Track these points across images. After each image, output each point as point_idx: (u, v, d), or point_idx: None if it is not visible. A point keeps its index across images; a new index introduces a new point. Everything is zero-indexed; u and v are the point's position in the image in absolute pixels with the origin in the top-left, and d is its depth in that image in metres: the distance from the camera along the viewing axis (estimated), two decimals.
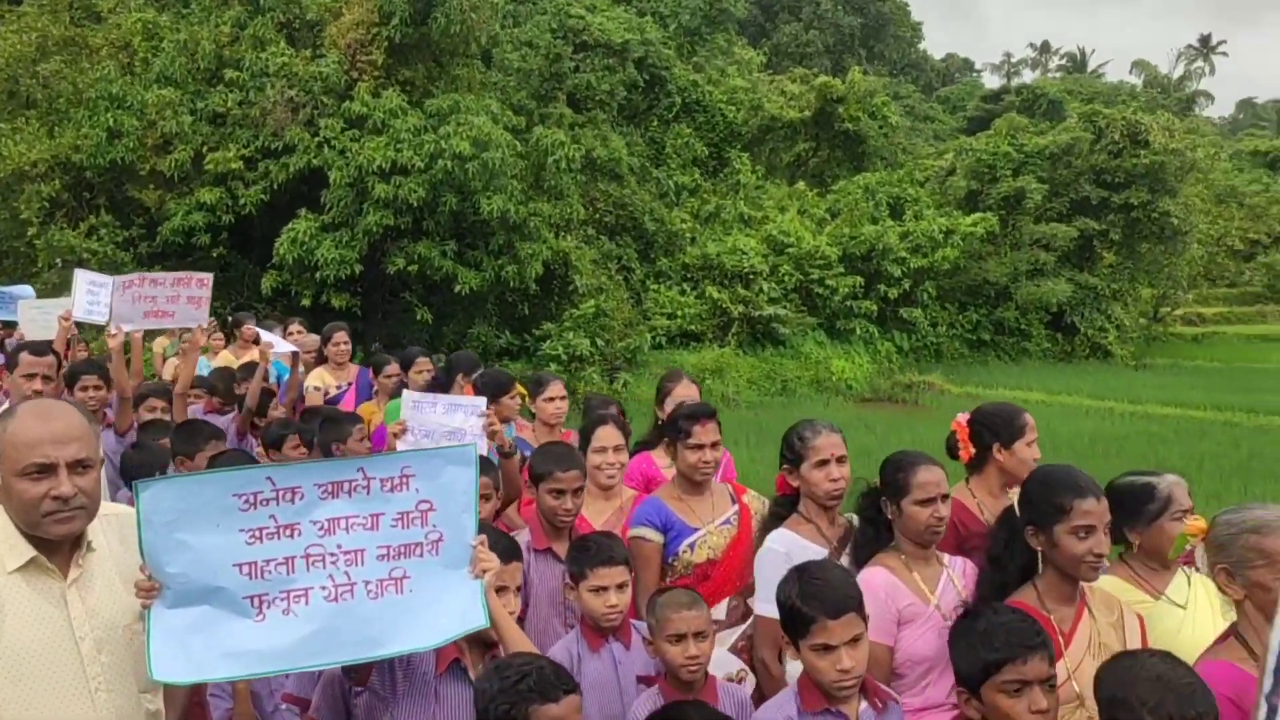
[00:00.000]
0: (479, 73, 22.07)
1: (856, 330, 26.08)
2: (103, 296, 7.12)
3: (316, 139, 18.34)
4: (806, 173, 32.75)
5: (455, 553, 2.88)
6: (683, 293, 24.45)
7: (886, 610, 3.25)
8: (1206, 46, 79.27)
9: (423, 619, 2.80)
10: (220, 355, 9.04)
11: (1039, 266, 29.68)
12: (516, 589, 3.33)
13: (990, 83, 74.54)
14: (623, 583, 3.50)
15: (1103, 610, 3.11)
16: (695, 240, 25.50)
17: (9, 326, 9.70)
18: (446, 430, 4.73)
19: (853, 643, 2.79)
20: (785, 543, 3.69)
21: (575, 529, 4.10)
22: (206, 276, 6.75)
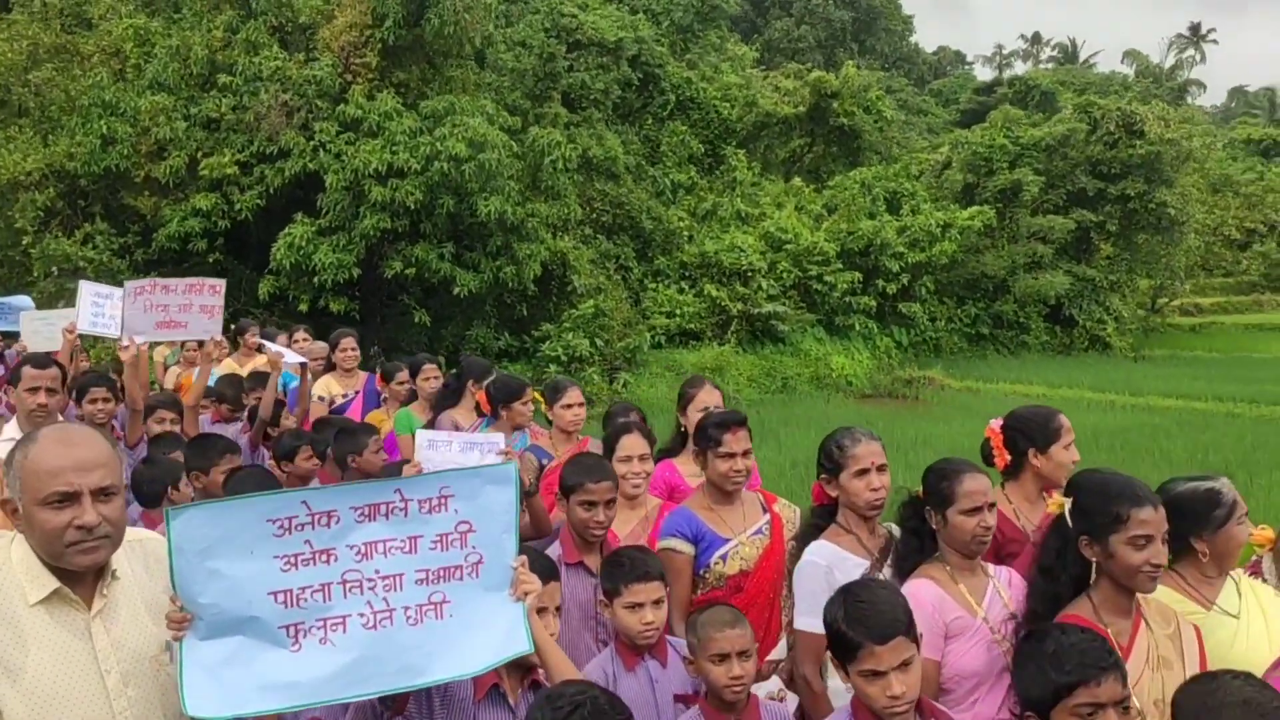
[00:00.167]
0: (473, 73, 21.95)
1: (855, 326, 26.01)
2: (108, 308, 7.00)
3: (311, 143, 18.24)
4: (802, 169, 32.67)
5: (496, 575, 2.79)
6: (681, 291, 24.35)
7: (934, 624, 3.16)
8: (1197, 35, 79.31)
9: (464, 645, 2.71)
10: (224, 363, 8.90)
11: (1037, 259, 29.64)
12: (556, 609, 3.25)
13: (982, 75, 74.65)
14: (659, 599, 3.42)
15: (1159, 622, 3.03)
16: (693, 238, 25.40)
17: (9, 337, 9.60)
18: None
19: (903, 667, 2.68)
20: (825, 555, 3.60)
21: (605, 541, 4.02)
22: (219, 283, 6.60)
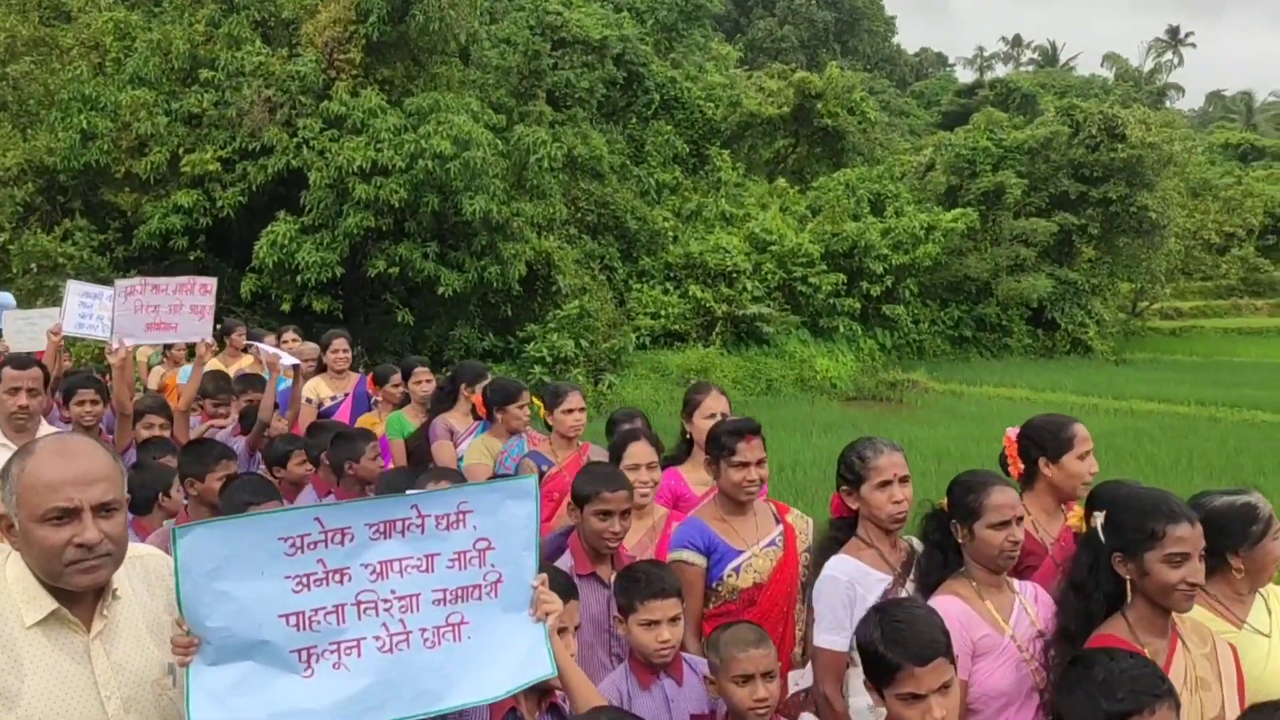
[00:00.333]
0: (458, 71, 21.79)
1: (840, 328, 25.99)
2: (95, 308, 6.83)
3: (295, 139, 18.06)
4: (786, 169, 32.66)
5: (515, 594, 2.68)
6: (666, 292, 24.27)
7: (962, 642, 3.06)
8: (1175, 39, 79.76)
9: (484, 668, 2.61)
10: (210, 363, 8.74)
11: (1019, 262, 29.72)
12: (575, 628, 3.14)
13: (963, 77, 74.86)
14: (675, 616, 3.31)
15: (1195, 641, 2.96)
16: (678, 239, 25.32)
17: None
18: None
19: (943, 690, 2.59)
20: (847, 570, 3.50)
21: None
22: (210, 282, 6.43)
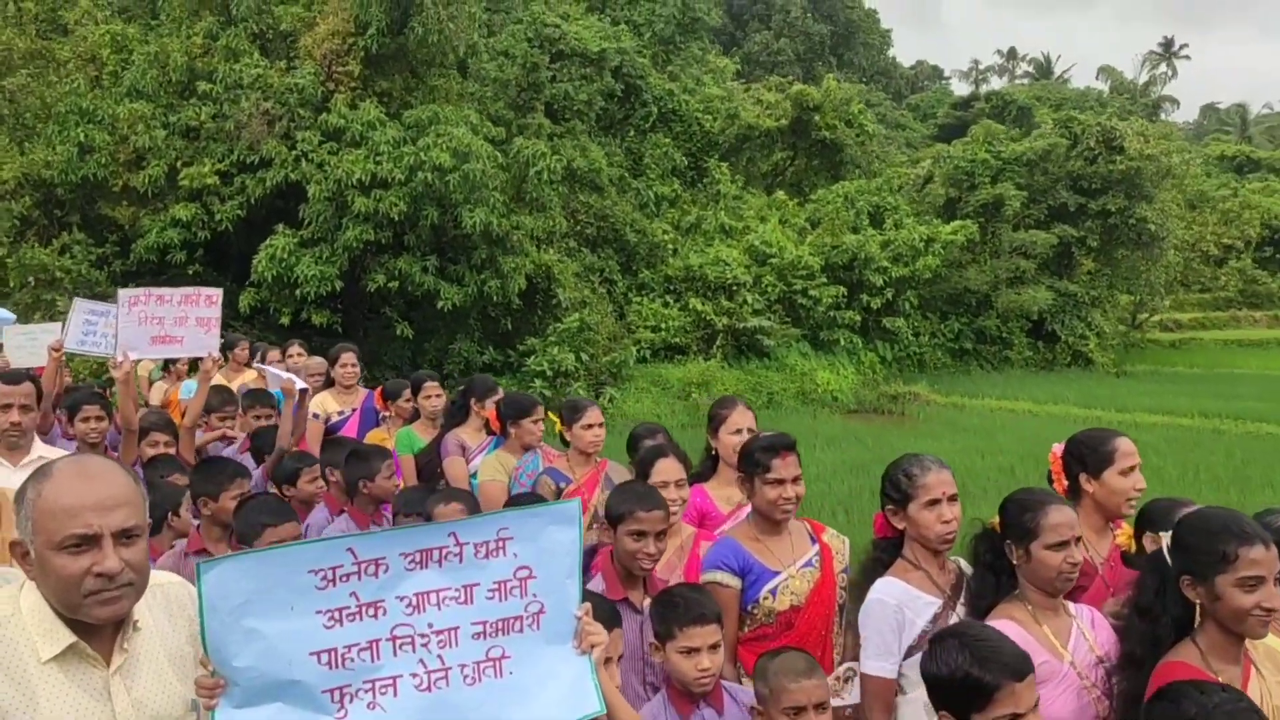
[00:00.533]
0: (456, 83, 21.70)
1: (840, 341, 25.89)
2: (101, 326, 6.67)
3: (294, 152, 17.95)
4: (784, 182, 32.61)
5: (558, 625, 2.53)
6: (666, 305, 24.15)
7: None
8: (1169, 51, 79.92)
9: (527, 706, 2.46)
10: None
11: (1019, 274, 29.67)
12: (618, 658, 2.99)
13: (959, 90, 74.91)
14: (715, 643, 3.17)
15: (1269, 668, 2.82)
16: (677, 252, 25.21)
17: None
18: None
19: (1036, 708, 2.52)
20: (895, 593, 3.36)
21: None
22: (215, 293, 6.20)
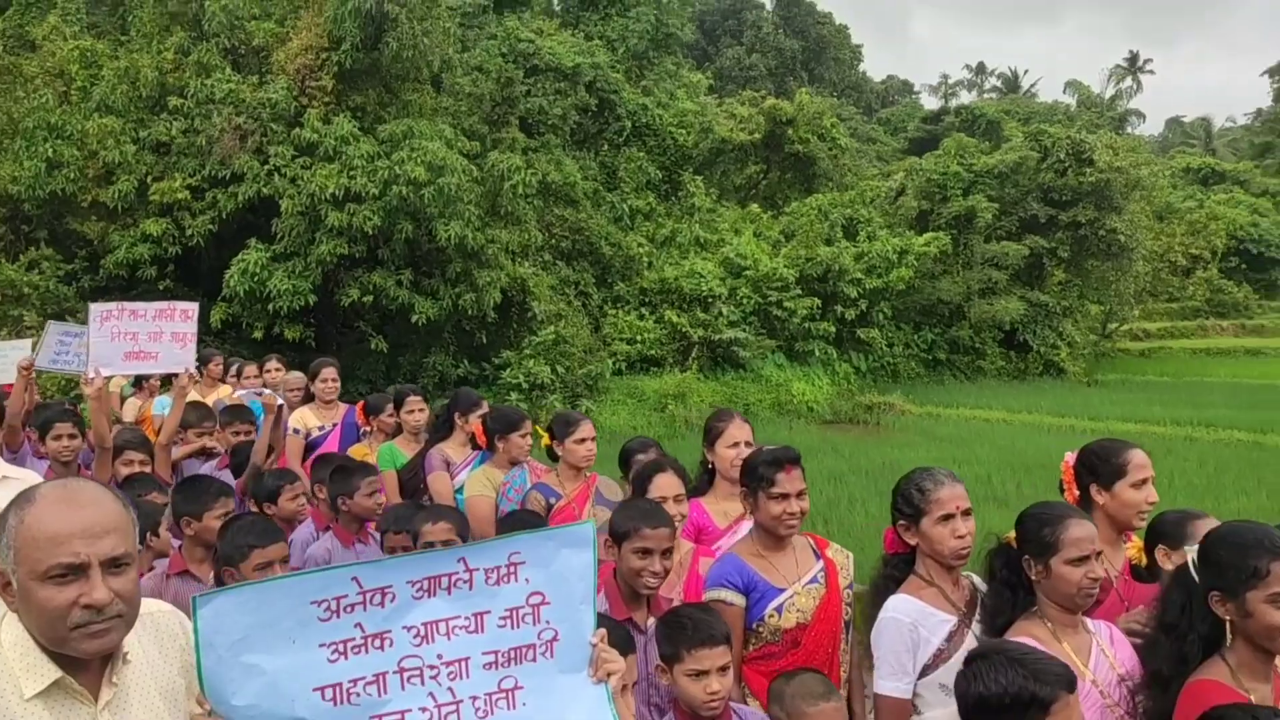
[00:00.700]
0: (430, 98, 21.64)
1: (815, 352, 25.97)
2: (75, 347, 6.55)
3: (266, 167, 17.82)
4: (758, 195, 32.76)
5: (572, 653, 2.42)
6: (641, 317, 24.16)
7: None
8: (1134, 66, 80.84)
9: None
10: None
11: (991, 285, 29.89)
12: (632, 685, 2.91)
13: (928, 104, 75.47)
14: (725, 665, 3.08)
15: None
16: (652, 264, 25.25)
17: None
18: None
19: None
20: (909, 611, 3.29)
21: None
22: (191, 307, 6.05)
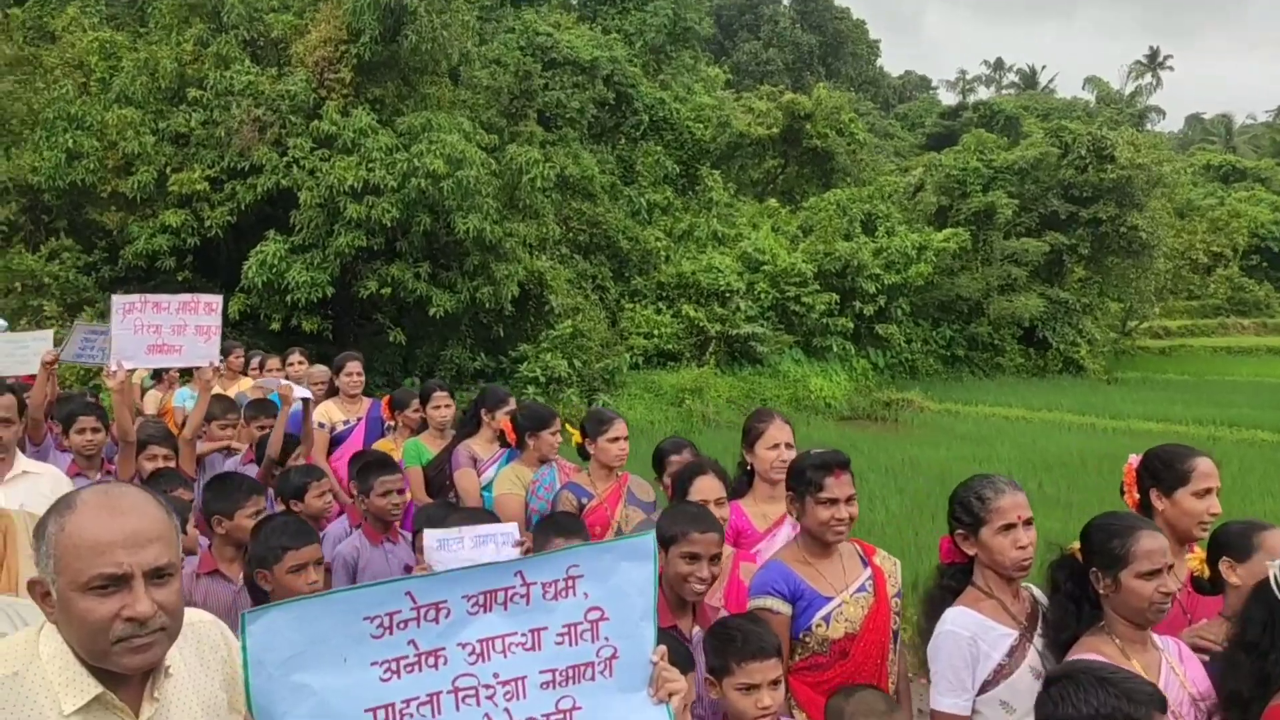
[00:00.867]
0: (448, 91, 21.58)
1: (833, 348, 25.86)
2: (99, 341, 6.46)
3: (285, 159, 17.78)
4: (775, 190, 32.65)
5: (633, 672, 2.32)
6: (659, 312, 24.08)
7: None
8: (1154, 61, 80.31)
9: None
10: None
11: (1011, 282, 29.72)
12: (688, 705, 2.80)
13: (946, 99, 75.09)
14: (776, 679, 2.96)
15: None
16: (669, 258, 25.18)
17: None
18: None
19: None
20: (968, 624, 3.16)
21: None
22: (215, 300, 5.90)
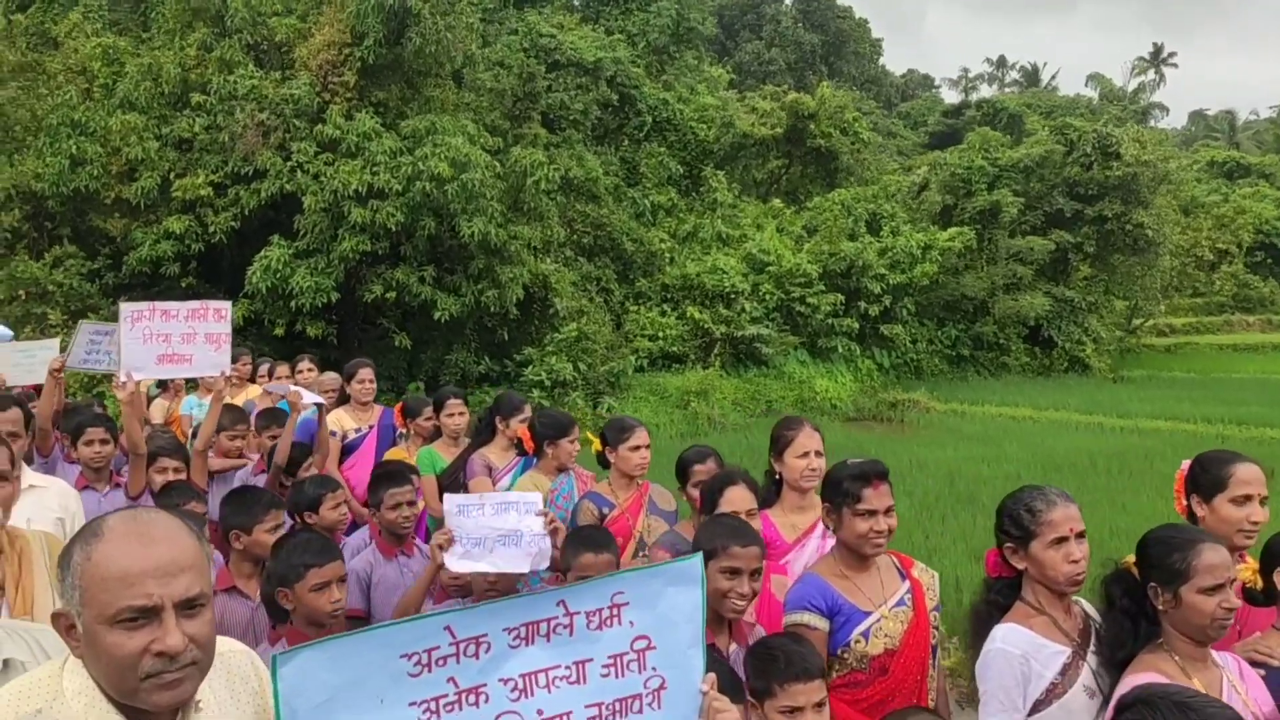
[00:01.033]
0: (452, 93, 21.55)
1: (838, 348, 25.77)
2: (105, 345, 6.40)
3: (289, 163, 17.77)
4: (779, 190, 32.57)
5: (682, 703, 2.26)
6: (663, 314, 24.02)
7: None
8: (1157, 58, 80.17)
9: None
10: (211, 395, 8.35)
11: (1016, 280, 29.61)
12: None
13: (949, 98, 75.02)
14: (821, 701, 2.84)
15: None
16: (674, 260, 25.11)
17: None
18: (499, 534, 3.78)
19: None
20: (1020, 642, 3.02)
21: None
22: (224, 306, 5.74)
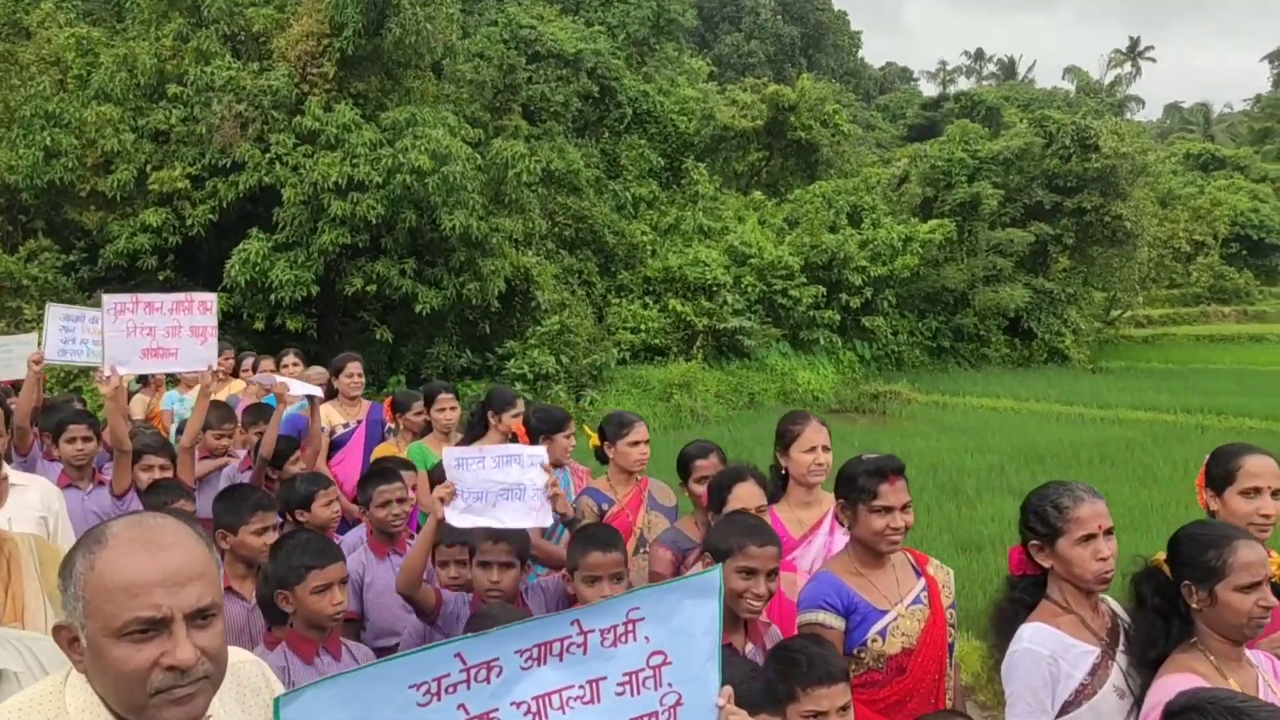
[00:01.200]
0: (432, 85, 21.39)
1: (820, 340, 25.79)
2: (79, 331, 6.26)
3: (267, 155, 17.59)
4: (760, 182, 32.54)
5: (699, 718, 2.18)
6: (645, 306, 23.95)
7: None
8: (1134, 51, 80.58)
9: None
10: (193, 390, 8.22)
11: (996, 272, 29.70)
12: None
13: (927, 90, 75.18)
14: (845, 705, 2.78)
15: None
16: (656, 253, 25.05)
17: None
18: (501, 488, 3.71)
19: None
20: (1047, 642, 2.95)
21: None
22: (209, 299, 5.56)
